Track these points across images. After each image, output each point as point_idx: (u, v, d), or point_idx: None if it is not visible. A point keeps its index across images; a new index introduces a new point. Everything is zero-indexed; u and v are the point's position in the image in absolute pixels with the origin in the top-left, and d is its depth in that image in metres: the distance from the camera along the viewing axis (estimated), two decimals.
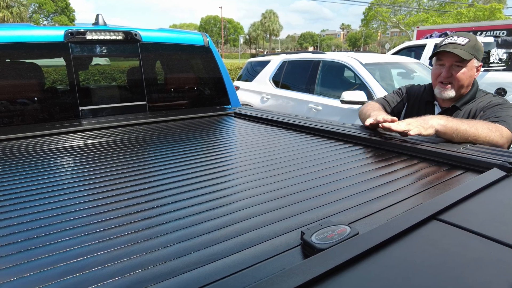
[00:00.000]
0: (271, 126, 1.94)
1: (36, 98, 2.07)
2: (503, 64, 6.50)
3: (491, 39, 6.54)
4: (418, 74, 4.44)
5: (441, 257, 0.61)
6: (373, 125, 1.52)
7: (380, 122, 1.44)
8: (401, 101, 1.90)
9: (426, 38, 8.58)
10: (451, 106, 1.68)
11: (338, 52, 5.99)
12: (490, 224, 0.73)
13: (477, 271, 0.57)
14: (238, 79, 6.12)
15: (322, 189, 0.98)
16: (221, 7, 57.13)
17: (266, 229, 0.75)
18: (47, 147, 1.54)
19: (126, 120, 2.07)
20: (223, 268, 0.61)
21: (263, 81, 5.34)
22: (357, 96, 3.61)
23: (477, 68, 1.64)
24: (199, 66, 2.74)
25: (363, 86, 3.82)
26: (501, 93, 5.10)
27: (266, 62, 5.54)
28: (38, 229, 0.78)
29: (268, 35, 77.40)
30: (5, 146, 1.56)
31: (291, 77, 4.99)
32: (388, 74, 4.30)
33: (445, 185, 0.99)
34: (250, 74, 5.84)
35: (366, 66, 4.00)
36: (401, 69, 4.53)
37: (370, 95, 3.65)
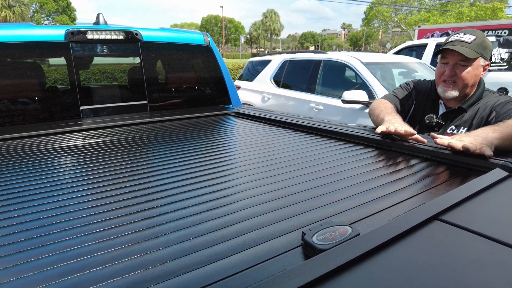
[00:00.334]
0: (272, 126, 1.93)
1: (37, 98, 2.07)
2: (505, 63, 6.48)
3: (493, 39, 6.52)
4: (419, 73, 4.43)
5: (443, 257, 0.61)
6: (384, 132, 1.43)
7: (391, 133, 1.38)
8: (410, 97, 1.82)
9: (428, 37, 8.56)
10: (457, 107, 1.62)
11: (339, 51, 5.98)
12: (493, 224, 0.72)
13: (479, 272, 0.57)
14: (239, 79, 6.11)
15: (323, 189, 0.98)
16: (222, 7, 57.12)
17: (267, 229, 0.75)
18: (48, 147, 1.54)
19: (126, 119, 2.06)
20: (224, 268, 0.60)
21: (264, 80, 5.33)
22: (358, 95, 3.60)
23: (483, 67, 1.57)
24: (200, 66, 2.73)
25: (364, 86, 3.81)
26: (502, 92, 5.09)
27: (267, 62, 5.53)
28: (38, 229, 0.78)
29: (269, 35, 77.37)
30: (5, 146, 1.56)
31: (292, 76, 4.99)
32: (389, 74, 4.29)
33: (447, 185, 0.99)
34: (251, 73, 5.84)
35: (367, 65, 3.99)
36: (402, 68, 4.52)
37: (371, 95, 3.64)
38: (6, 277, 0.60)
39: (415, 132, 1.37)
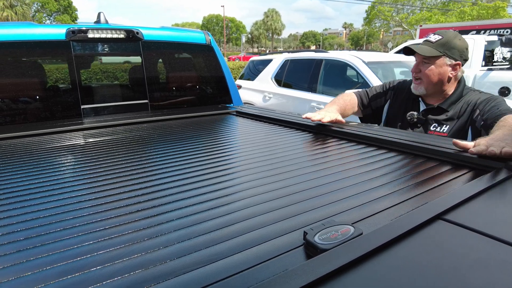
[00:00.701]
0: (273, 125, 1.93)
1: (37, 97, 2.06)
2: (507, 63, 6.45)
3: (495, 38, 6.50)
4: None
5: (446, 257, 0.60)
6: (308, 118, 1.64)
7: (324, 123, 1.62)
8: (383, 96, 1.91)
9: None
10: (437, 106, 1.68)
11: (340, 50, 5.97)
12: (497, 224, 0.71)
13: (483, 272, 0.56)
14: (240, 78, 6.11)
15: (325, 188, 0.97)
16: (223, 6, 57.07)
17: (268, 228, 0.74)
18: (48, 146, 1.53)
19: (127, 118, 2.06)
20: (225, 268, 0.60)
21: (265, 80, 5.32)
22: None
23: (452, 66, 1.61)
24: (201, 65, 2.73)
25: (366, 85, 3.80)
26: (505, 92, 5.06)
27: (268, 61, 5.52)
28: (38, 228, 0.77)
29: (270, 34, 77.30)
30: (6, 144, 1.56)
31: (294, 75, 4.98)
32: (391, 73, 4.28)
33: (450, 184, 0.98)
34: (252, 73, 5.83)
35: (368, 64, 3.98)
36: (403, 67, 4.51)
37: None
38: (5, 276, 0.60)
39: (342, 120, 1.69)
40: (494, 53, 6.39)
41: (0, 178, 1.11)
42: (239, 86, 5.48)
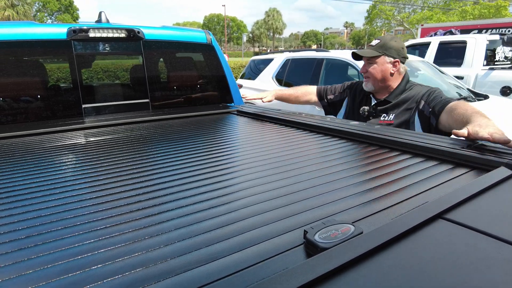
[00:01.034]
0: (274, 124, 1.93)
1: (39, 96, 2.07)
2: (509, 62, 6.43)
3: (497, 37, 6.48)
4: (422, 72, 4.41)
5: (447, 256, 0.60)
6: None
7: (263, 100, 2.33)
8: (340, 94, 2.24)
9: (431, 36, 8.52)
10: (384, 99, 1.96)
11: (342, 50, 5.96)
12: (498, 223, 0.71)
13: (484, 271, 0.56)
14: (241, 77, 6.10)
15: (325, 187, 0.97)
16: (224, 5, 57.03)
17: (269, 227, 0.74)
18: (49, 145, 1.54)
19: (128, 118, 2.06)
20: (225, 266, 0.60)
21: (266, 79, 5.32)
22: None
23: (393, 63, 1.91)
24: (202, 64, 2.73)
25: None
26: (506, 91, 5.05)
27: (269, 60, 5.52)
28: (39, 226, 0.77)
29: (271, 33, 77.23)
30: (8, 144, 1.56)
31: (295, 75, 4.97)
32: None
33: (451, 183, 0.98)
34: (253, 72, 5.83)
35: None
36: None
37: None
38: (7, 274, 0.60)
39: (266, 99, 2.34)
40: (496, 52, 6.37)
41: (1, 177, 1.12)
42: (240, 86, 5.47)
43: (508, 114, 3.37)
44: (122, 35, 2.27)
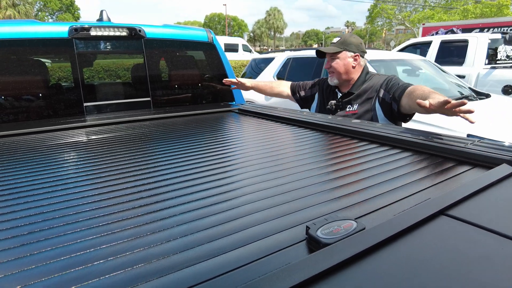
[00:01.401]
0: (276, 122, 1.92)
1: (40, 94, 2.07)
2: (511, 61, 6.41)
3: (499, 36, 6.46)
4: (424, 71, 4.40)
5: (450, 252, 0.60)
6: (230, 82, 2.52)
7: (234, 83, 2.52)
8: (310, 90, 2.41)
9: (432, 35, 8.50)
10: (347, 92, 2.11)
11: None
12: (500, 219, 0.71)
13: (487, 267, 0.56)
14: (242, 76, 6.10)
15: (328, 184, 0.97)
16: (225, 5, 56.97)
17: (271, 223, 0.74)
18: (51, 143, 1.54)
19: (130, 116, 2.06)
20: (227, 262, 0.60)
21: (267, 78, 5.31)
22: None
23: (354, 57, 2.07)
24: (203, 63, 2.73)
25: None
26: (508, 90, 5.03)
27: (271, 59, 5.51)
28: (41, 222, 0.78)
29: (272, 33, 77.17)
30: (10, 142, 1.57)
31: (296, 74, 4.96)
32: (393, 71, 4.26)
33: (453, 180, 0.97)
34: (254, 71, 5.82)
35: (371, 63, 3.96)
36: (406, 66, 4.49)
37: None
38: (9, 269, 0.60)
39: (239, 82, 2.49)
40: (498, 51, 6.36)
41: (4, 174, 1.12)
42: None
43: (509, 112, 3.36)
44: (124, 34, 2.27)
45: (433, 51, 6.77)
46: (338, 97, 2.17)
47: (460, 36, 6.97)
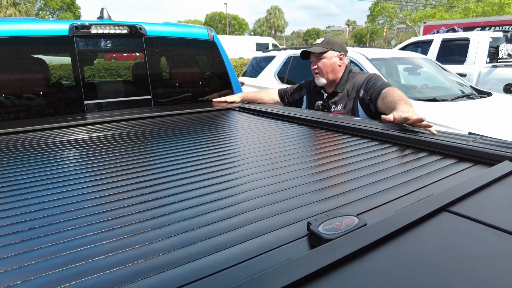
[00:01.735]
0: (276, 120, 1.92)
1: (41, 92, 2.07)
2: None
3: (500, 34, 6.44)
4: (425, 69, 4.38)
5: (452, 248, 0.59)
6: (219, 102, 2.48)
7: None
8: (298, 93, 2.45)
9: (433, 33, 8.48)
10: (332, 91, 2.16)
11: None
12: (503, 216, 0.70)
13: (489, 263, 0.55)
14: (243, 75, 6.09)
15: (329, 181, 0.97)
16: (226, 3, 56.90)
17: (272, 219, 0.74)
18: (51, 140, 1.54)
19: (130, 114, 2.06)
20: (228, 258, 0.60)
21: (268, 77, 5.30)
22: None
23: (339, 56, 2.12)
24: (204, 61, 2.72)
25: None
26: (509, 88, 5.01)
27: (271, 58, 5.50)
28: (41, 219, 0.77)
29: (273, 31, 77.08)
30: (10, 139, 1.57)
31: (297, 72, 4.95)
32: (394, 70, 4.25)
33: (455, 177, 0.97)
34: (255, 70, 5.81)
35: (372, 61, 3.96)
36: (407, 64, 4.48)
37: None
38: (9, 265, 0.60)
39: (232, 101, 2.45)
40: (499, 49, 6.34)
41: (5, 171, 1.12)
42: (242, 83, 5.46)
43: (511, 111, 3.35)
44: (124, 32, 2.27)
45: (434, 50, 6.76)
46: (324, 97, 2.22)
47: (461, 34, 6.95)
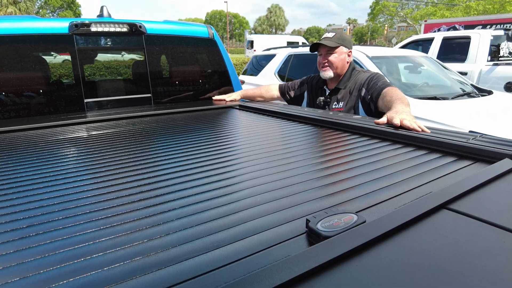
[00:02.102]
0: (276, 118, 1.92)
1: (40, 90, 2.07)
2: None
3: (501, 33, 6.42)
4: (426, 67, 4.37)
5: (451, 245, 0.59)
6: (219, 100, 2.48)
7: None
8: (299, 89, 2.46)
9: (434, 32, 8.46)
10: (335, 88, 2.16)
11: None
12: (502, 213, 0.70)
13: (488, 260, 0.55)
14: (244, 74, 6.08)
15: (329, 178, 0.96)
16: (226, 2, 56.79)
17: (271, 217, 0.74)
18: (51, 138, 1.54)
19: (130, 112, 2.06)
20: (227, 255, 0.59)
21: (269, 75, 5.29)
22: None
23: (347, 53, 2.15)
24: (204, 59, 2.72)
25: None
26: (510, 87, 5.00)
27: (272, 56, 5.49)
28: (40, 216, 0.77)
29: (274, 30, 76.94)
30: (10, 137, 1.57)
31: (297, 71, 4.94)
32: (395, 68, 4.24)
33: (455, 175, 0.97)
34: (256, 68, 5.80)
35: (372, 59, 3.95)
36: (408, 62, 4.47)
37: None
38: (7, 262, 0.60)
39: (232, 99, 2.46)
40: (500, 48, 6.32)
41: (5, 169, 1.12)
42: (242, 82, 5.45)
43: (511, 109, 3.34)
44: (124, 30, 2.27)
45: (435, 48, 6.74)
46: (326, 93, 2.23)
47: (462, 32, 6.93)
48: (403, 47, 7.27)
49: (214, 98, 2.59)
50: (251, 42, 18.14)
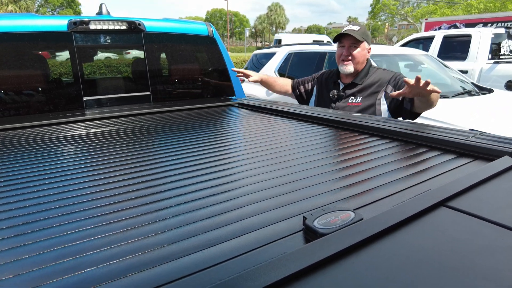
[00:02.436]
0: (276, 116, 1.91)
1: (39, 88, 2.06)
2: None
3: (502, 31, 6.40)
4: (426, 66, 4.36)
5: (449, 243, 0.59)
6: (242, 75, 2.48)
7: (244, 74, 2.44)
8: (310, 84, 2.45)
9: (435, 30, 8.44)
10: (351, 82, 2.13)
11: None
12: (501, 211, 0.70)
13: (487, 258, 0.55)
14: None
15: (326, 176, 0.96)
16: (227, 0, 56.70)
17: (268, 214, 0.73)
18: (49, 136, 1.53)
19: (129, 110, 2.05)
20: (223, 252, 0.59)
21: (269, 73, 5.28)
22: None
23: (368, 50, 2.14)
24: (204, 57, 2.71)
25: None
26: (511, 85, 4.99)
27: (272, 54, 5.48)
28: (37, 213, 0.77)
29: (274, 28, 76.84)
30: (8, 135, 1.56)
31: (297, 69, 4.94)
32: (395, 66, 4.23)
33: (454, 172, 0.96)
34: (256, 66, 5.79)
35: (372, 57, 3.93)
36: (408, 61, 4.46)
37: None
38: (2, 259, 0.59)
39: (253, 79, 2.45)
40: (501, 46, 6.30)
41: (2, 167, 1.11)
42: (242, 80, 5.44)
43: None
44: (123, 27, 2.26)
45: (435, 46, 6.72)
46: (341, 87, 2.19)
47: (463, 31, 6.91)
48: (404, 45, 7.25)
49: (234, 69, 2.58)
50: (279, 40, 18.33)
